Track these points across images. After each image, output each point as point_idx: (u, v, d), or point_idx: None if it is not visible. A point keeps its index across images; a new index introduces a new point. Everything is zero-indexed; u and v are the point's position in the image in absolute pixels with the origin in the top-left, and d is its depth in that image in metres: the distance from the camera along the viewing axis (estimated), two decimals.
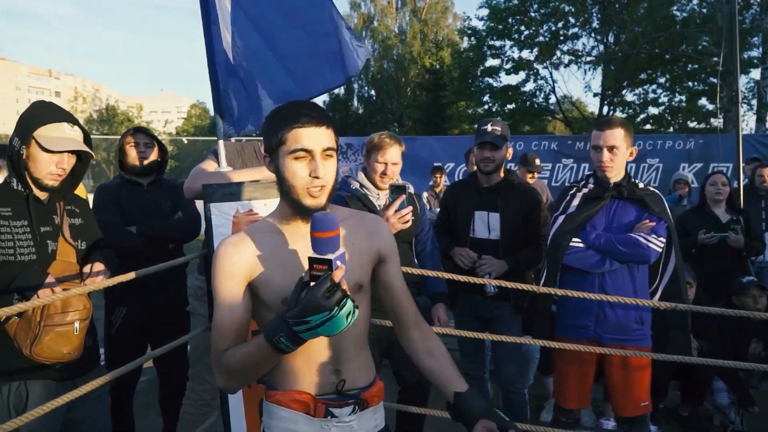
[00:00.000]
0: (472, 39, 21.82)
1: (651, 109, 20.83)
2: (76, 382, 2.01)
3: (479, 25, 21.17)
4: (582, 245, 2.63)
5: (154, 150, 3.07)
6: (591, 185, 2.74)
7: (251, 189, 2.36)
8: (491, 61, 21.59)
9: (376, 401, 1.52)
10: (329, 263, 1.18)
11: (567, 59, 20.78)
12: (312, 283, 1.19)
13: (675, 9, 18.19)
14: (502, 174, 3.12)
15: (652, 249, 2.54)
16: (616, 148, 2.62)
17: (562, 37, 20.30)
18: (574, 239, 2.64)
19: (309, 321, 1.16)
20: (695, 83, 19.26)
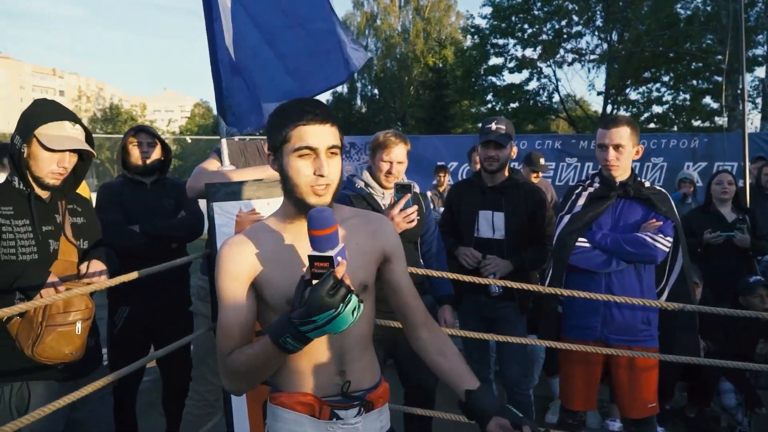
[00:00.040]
0: (475, 37, 21.73)
1: (655, 108, 20.71)
2: (78, 382, 2.00)
3: (482, 24, 21.10)
4: (588, 245, 2.61)
5: (156, 149, 3.06)
6: (597, 184, 2.71)
7: (254, 188, 2.34)
8: (494, 60, 21.52)
9: (381, 403, 1.51)
10: (330, 260, 1.17)
11: (570, 57, 20.70)
12: (314, 282, 1.17)
13: (679, 7, 18.09)
14: (506, 173, 3.10)
15: (659, 249, 2.52)
16: (622, 146, 2.59)
17: (565, 36, 20.21)
18: (580, 239, 2.62)
19: (315, 320, 1.15)
20: (699, 81, 19.16)
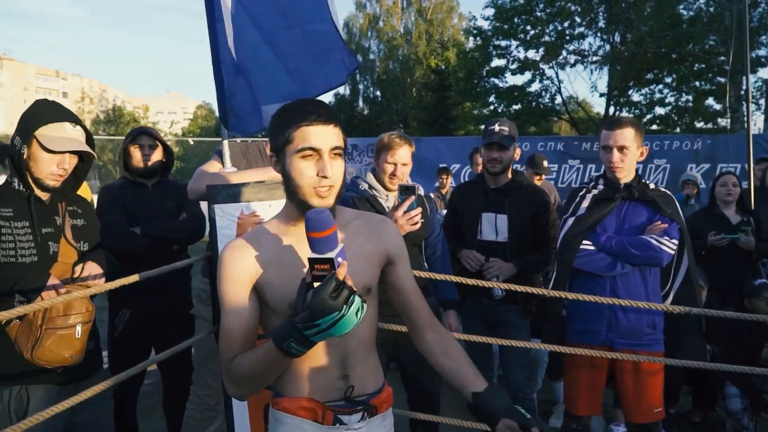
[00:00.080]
0: (477, 39, 21.70)
1: (657, 109, 20.68)
2: (78, 386, 1.98)
3: (485, 25, 21.07)
4: (593, 248, 2.58)
5: (157, 151, 3.04)
6: (601, 186, 2.69)
7: (256, 190, 2.32)
8: (497, 62, 21.49)
9: (385, 407, 1.49)
10: (331, 262, 1.15)
11: (573, 59, 20.66)
12: (315, 284, 1.15)
13: (682, 8, 18.05)
14: (509, 175, 3.08)
15: (664, 251, 2.49)
16: (626, 148, 2.57)
17: (568, 37, 20.18)
18: (584, 242, 2.59)
19: (319, 324, 1.13)
20: (702, 83, 19.13)
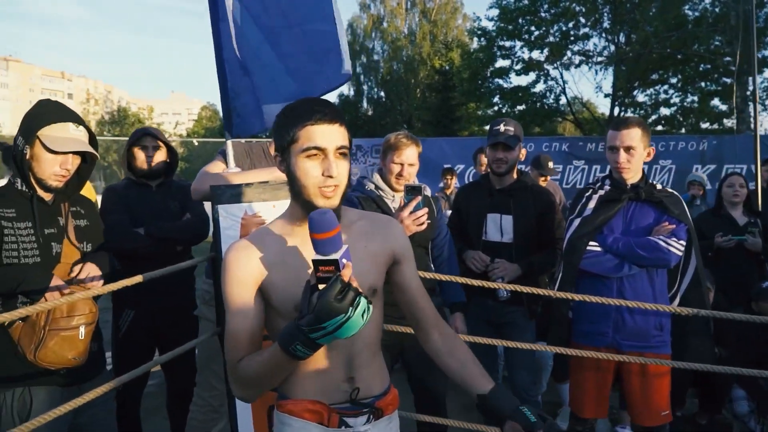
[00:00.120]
0: (481, 40, 21.65)
1: (663, 110, 20.61)
2: (81, 387, 1.97)
3: (489, 26, 21.02)
4: (599, 249, 2.56)
5: (161, 151, 3.04)
6: (607, 187, 2.66)
7: (260, 190, 2.31)
8: (501, 62, 21.46)
9: (391, 410, 1.48)
10: (335, 263, 1.13)
11: (578, 60, 20.60)
12: (320, 286, 1.14)
13: (687, 8, 17.99)
14: (515, 175, 3.06)
15: (672, 252, 2.46)
16: (633, 148, 2.54)
17: (572, 38, 20.13)
18: (591, 243, 2.57)
19: (325, 326, 1.12)
20: (707, 83, 19.05)
